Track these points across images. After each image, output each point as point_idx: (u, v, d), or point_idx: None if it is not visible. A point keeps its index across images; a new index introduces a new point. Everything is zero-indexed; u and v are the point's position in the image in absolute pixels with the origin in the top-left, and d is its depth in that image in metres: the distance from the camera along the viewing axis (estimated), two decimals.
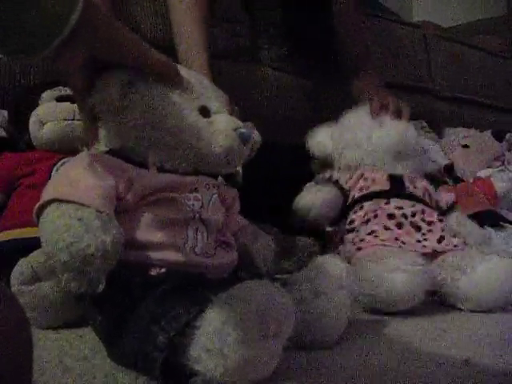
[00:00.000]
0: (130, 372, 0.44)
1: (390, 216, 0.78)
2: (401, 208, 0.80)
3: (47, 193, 0.44)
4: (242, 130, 0.52)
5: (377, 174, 0.85)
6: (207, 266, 0.50)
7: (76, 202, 0.42)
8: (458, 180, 1.10)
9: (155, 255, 0.47)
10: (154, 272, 0.46)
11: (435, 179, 1.06)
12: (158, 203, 0.49)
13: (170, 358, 0.40)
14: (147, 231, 0.47)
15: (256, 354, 0.39)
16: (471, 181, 1.12)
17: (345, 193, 0.85)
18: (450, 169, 1.11)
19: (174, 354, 0.40)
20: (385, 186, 0.83)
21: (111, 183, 0.46)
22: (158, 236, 0.48)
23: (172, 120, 0.50)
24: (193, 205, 0.50)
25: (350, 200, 0.84)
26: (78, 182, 0.45)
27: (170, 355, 0.40)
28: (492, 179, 1.09)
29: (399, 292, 0.65)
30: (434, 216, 0.81)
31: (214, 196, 0.53)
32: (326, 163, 0.94)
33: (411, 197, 0.83)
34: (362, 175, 0.85)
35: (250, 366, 0.39)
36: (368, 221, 0.79)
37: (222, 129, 0.51)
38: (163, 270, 0.46)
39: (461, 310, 0.69)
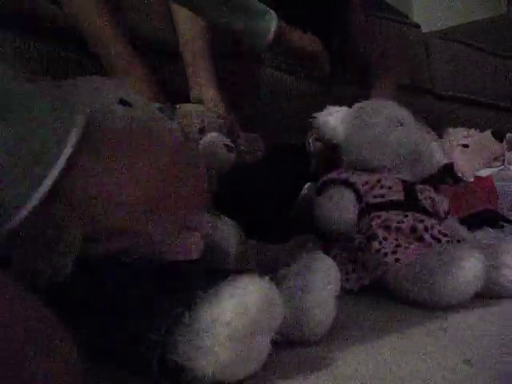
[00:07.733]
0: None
1: (412, 229, 0.76)
2: (421, 221, 0.77)
3: None
4: (162, 108, 0.58)
5: (393, 182, 0.82)
6: (175, 246, 0.51)
7: None
8: (458, 180, 1.10)
9: (122, 241, 0.47)
10: (126, 259, 0.46)
11: (435, 179, 1.06)
12: None
13: (161, 355, 0.40)
14: None
15: (247, 351, 0.39)
16: (471, 180, 1.12)
17: (360, 197, 0.81)
18: (450, 169, 1.11)
19: (164, 352, 0.39)
20: (400, 195, 0.81)
21: None
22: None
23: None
24: None
25: (361, 204, 0.81)
26: None
27: (161, 353, 0.39)
28: (492, 179, 1.09)
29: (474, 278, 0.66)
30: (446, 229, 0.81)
31: None
32: (325, 161, 0.93)
33: (424, 210, 0.81)
34: (378, 181, 0.82)
35: (241, 363, 0.39)
36: (388, 227, 0.76)
37: (144, 111, 0.56)
38: (135, 256, 0.47)
39: (461, 308, 0.69)
